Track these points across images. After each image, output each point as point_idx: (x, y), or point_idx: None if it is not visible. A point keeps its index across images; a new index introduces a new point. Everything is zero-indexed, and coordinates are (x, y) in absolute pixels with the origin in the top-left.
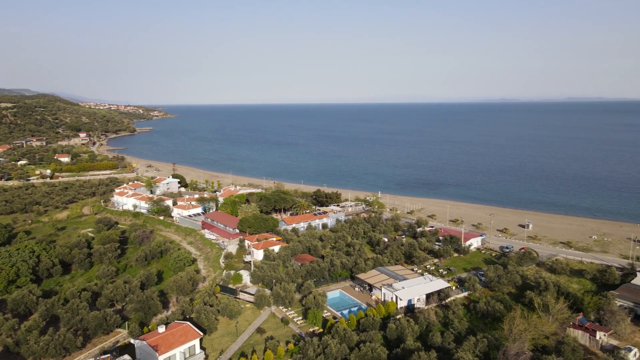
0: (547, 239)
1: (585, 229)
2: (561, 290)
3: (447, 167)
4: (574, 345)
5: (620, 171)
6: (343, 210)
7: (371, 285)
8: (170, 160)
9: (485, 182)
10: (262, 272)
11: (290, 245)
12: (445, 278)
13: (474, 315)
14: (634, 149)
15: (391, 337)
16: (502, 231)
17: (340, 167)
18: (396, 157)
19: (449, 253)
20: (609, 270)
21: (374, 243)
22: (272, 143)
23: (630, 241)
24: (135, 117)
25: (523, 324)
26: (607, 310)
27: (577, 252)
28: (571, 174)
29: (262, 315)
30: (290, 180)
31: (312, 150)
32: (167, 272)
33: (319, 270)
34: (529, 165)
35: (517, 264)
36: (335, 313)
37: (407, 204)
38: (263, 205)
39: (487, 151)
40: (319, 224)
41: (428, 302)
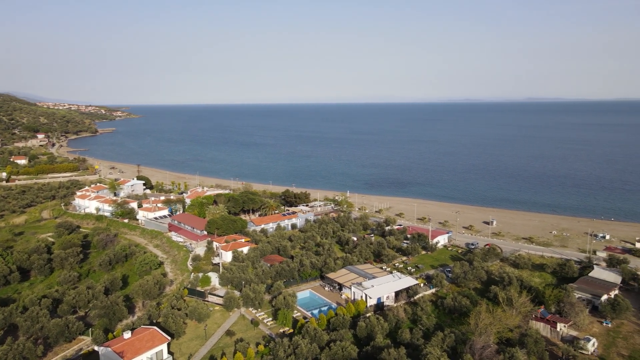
0: (510, 235)
1: (546, 224)
2: (524, 285)
3: (415, 166)
4: (536, 337)
5: (578, 168)
6: (312, 210)
7: (341, 284)
8: (135, 162)
9: (452, 181)
10: (231, 273)
11: (260, 246)
12: (414, 275)
13: (441, 311)
14: (590, 147)
15: (361, 335)
16: (467, 228)
17: (310, 167)
18: (365, 156)
19: (417, 251)
20: (568, 264)
21: (343, 242)
22: (241, 144)
23: (588, 235)
24: (97, 118)
25: (488, 318)
26: (567, 303)
27: (539, 247)
28: (532, 171)
29: (232, 318)
30: (258, 180)
31: (281, 151)
32: (132, 277)
33: (289, 270)
34: (493, 163)
35: (482, 259)
36: (306, 313)
37: (376, 203)
38: (231, 207)
39: (453, 150)
40: (288, 224)
41: (397, 300)
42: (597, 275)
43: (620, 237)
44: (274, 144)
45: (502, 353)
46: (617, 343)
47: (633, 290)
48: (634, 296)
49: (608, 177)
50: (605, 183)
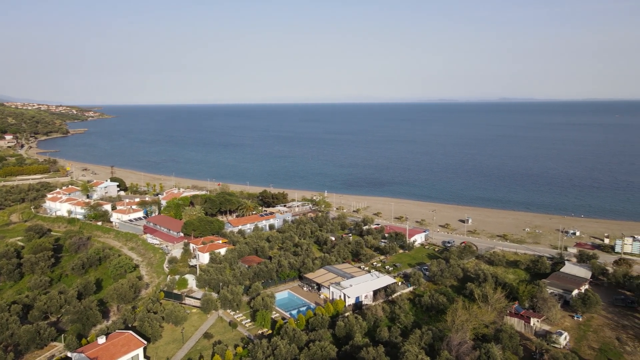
0: (485, 232)
1: (519, 222)
2: (498, 281)
3: (392, 166)
4: (511, 333)
5: (550, 167)
6: (290, 210)
7: (319, 284)
8: (108, 163)
9: (428, 180)
10: (209, 275)
11: (237, 248)
12: (392, 274)
13: (419, 309)
14: (561, 145)
15: (340, 334)
16: (444, 227)
17: (287, 168)
18: (343, 156)
19: (395, 249)
20: (541, 260)
21: (322, 242)
22: (217, 144)
23: (559, 232)
24: (68, 118)
25: (465, 314)
26: (540, 298)
27: (512, 244)
28: (507, 170)
29: (209, 320)
30: (235, 181)
31: (258, 151)
32: (106, 280)
33: (267, 271)
34: (469, 162)
35: (459, 257)
36: (284, 314)
37: (353, 203)
38: (208, 208)
39: (430, 150)
40: (265, 224)
41: (375, 299)
42: (568, 270)
43: (590, 233)
44: (251, 145)
45: (478, 349)
46: (588, 336)
47: (602, 284)
48: (603, 290)
49: (578, 176)
50: (575, 181)
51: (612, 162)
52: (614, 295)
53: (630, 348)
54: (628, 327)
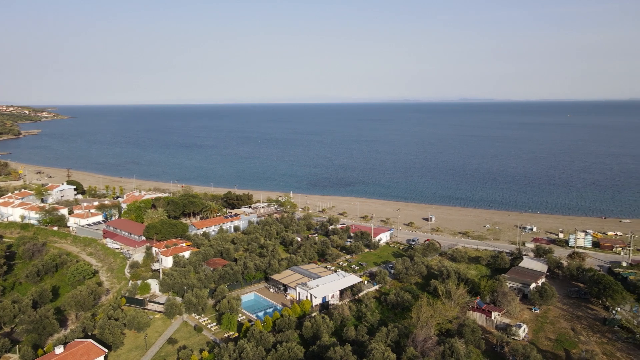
0: (448, 230)
1: (480, 219)
2: (461, 277)
3: (357, 166)
4: (473, 327)
5: (508, 165)
6: (255, 211)
7: (286, 285)
8: (65, 166)
9: (393, 179)
10: (172, 279)
11: (202, 250)
12: (358, 273)
13: (385, 306)
14: (518, 144)
15: (307, 335)
16: (408, 225)
17: (252, 169)
18: (308, 157)
19: (360, 249)
20: (501, 256)
21: (287, 243)
22: (181, 145)
23: (517, 228)
24: (20, 119)
25: (429, 311)
26: (500, 292)
27: (474, 241)
28: (468, 169)
29: (174, 325)
30: (199, 183)
31: (222, 152)
32: (64, 287)
33: (232, 273)
34: (432, 162)
35: (423, 255)
36: (251, 316)
37: (319, 203)
38: (171, 210)
39: (394, 149)
40: (230, 226)
41: (342, 298)
42: (526, 265)
43: (546, 228)
44: (216, 145)
45: (442, 344)
46: (545, 328)
47: (557, 277)
48: (558, 283)
49: (535, 173)
50: (532, 179)
51: (566, 160)
52: (568, 287)
53: (584, 337)
54: (582, 317)
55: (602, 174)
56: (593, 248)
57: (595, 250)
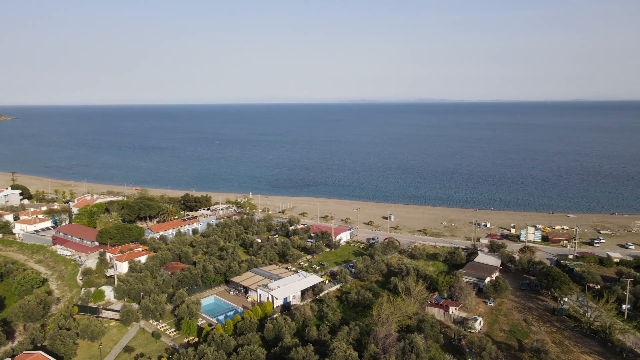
0: (407, 228)
1: (437, 216)
2: (420, 274)
3: (317, 166)
4: (432, 322)
5: (464, 163)
6: (214, 213)
7: (247, 287)
8: (9, 169)
9: (352, 179)
10: (128, 285)
11: (159, 254)
12: (319, 273)
13: (346, 305)
14: (474, 144)
15: (269, 336)
16: (368, 224)
17: (211, 170)
18: (268, 157)
19: (321, 249)
20: (457, 252)
21: (248, 245)
22: (136, 147)
23: (472, 224)
24: None
25: (389, 308)
26: (457, 287)
27: (432, 238)
28: (425, 167)
29: (130, 332)
30: (156, 185)
31: (179, 154)
32: (10, 298)
33: (191, 277)
34: (391, 161)
35: (383, 253)
36: (211, 320)
37: (279, 204)
38: (126, 214)
39: (354, 149)
40: (189, 229)
41: (303, 298)
42: (481, 260)
43: (499, 224)
44: (173, 147)
45: (402, 340)
46: (499, 320)
47: (510, 271)
48: (511, 276)
49: (488, 171)
50: (486, 176)
51: (517, 158)
52: (520, 280)
53: (535, 328)
54: (533, 308)
55: (550, 171)
56: (542, 242)
57: (544, 244)
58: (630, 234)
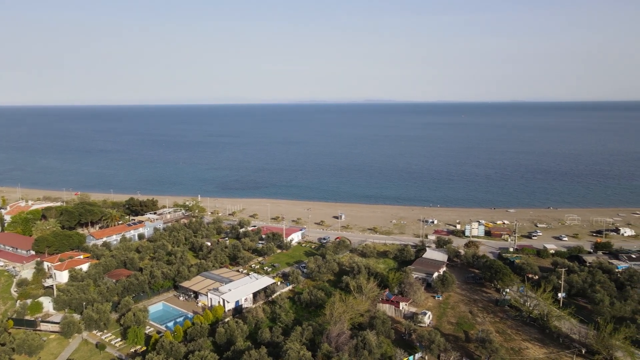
0: (358, 227)
1: (387, 214)
2: (371, 271)
3: (268, 167)
4: (384, 318)
5: (413, 163)
6: (161, 217)
7: (197, 292)
8: None
9: (303, 179)
10: (69, 295)
11: (102, 262)
12: (271, 275)
13: (299, 306)
14: (422, 143)
15: (221, 341)
16: (319, 224)
17: (158, 173)
18: (217, 159)
19: (273, 250)
20: (406, 249)
21: (197, 248)
22: (77, 150)
23: (420, 222)
24: None
25: (342, 306)
26: (407, 283)
27: (382, 236)
28: (376, 167)
29: (72, 344)
30: (98, 190)
31: (124, 157)
32: None
33: (138, 284)
34: (341, 161)
35: (334, 252)
36: (159, 327)
37: (229, 206)
38: (65, 220)
39: (305, 150)
40: (134, 234)
41: (255, 301)
42: (429, 256)
43: (445, 220)
44: (118, 150)
45: (355, 337)
46: (447, 313)
47: (456, 265)
48: (457, 271)
49: (436, 170)
50: (434, 175)
51: (462, 156)
52: (466, 274)
53: (480, 318)
54: (478, 300)
55: (493, 168)
56: (485, 236)
57: (487, 238)
58: (563, 227)
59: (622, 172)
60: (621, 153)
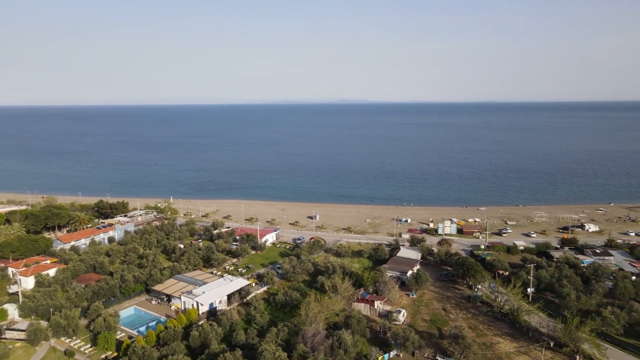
0: (332, 226)
1: (361, 214)
2: (346, 271)
3: (242, 168)
4: (359, 317)
5: (388, 162)
6: (132, 220)
7: (169, 295)
8: None
9: (278, 180)
10: (35, 301)
11: (70, 266)
12: (245, 276)
13: (274, 307)
14: (396, 142)
15: (195, 344)
16: (293, 224)
17: (128, 175)
18: (190, 160)
19: (247, 251)
20: (380, 248)
21: (170, 251)
22: (43, 152)
23: (394, 221)
24: None
25: (317, 306)
26: (381, 282)
27: (356, 236)
28: (351, 167)
29: (39, 352)
30: (66, 192)
31: (93, 158)
32: None
33: (108, 288)
34: (316, 161)
35: (309, 253)
36: (131, 332)
37: (202, 207)
38: (30, 224)
39: (279, 150)
40: (104, 238)
41: (230, 303)
42: (403, 254)
43: (419, 219)
44: (87, 151)
45: (330, 337)
46: (421, 310)
47: (430, 263)
48: (431, 268)
49: (410, 169)
50: (408, 174)
51: (435, 155)
52: (439, 271)
53: (453, 315)
54: (451, 297)
55: (465, 167)
56: (458, 234)
57: (459, 236)
58: (532, 224)
59: (587, 170)
60: (587, 152)
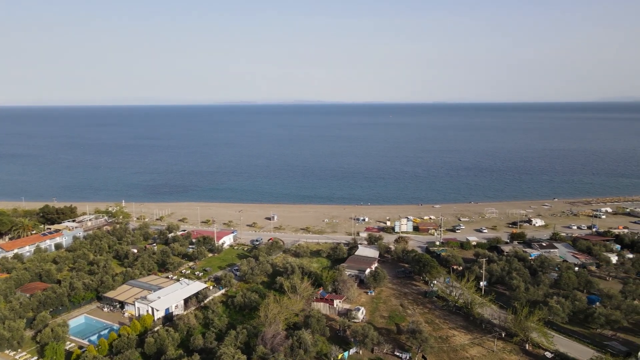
0: (290, 227)
1: (319, 214)
2: (305, 271)
3: (198, 170)
4: (318, 317)
5: (346, 162)
6: (81, 225)
7: (122, 302)
8: None
9: (234, 181)
10: None
11: (13, 275)
12: (202, 279)
13: (232, 309)
14: (353, 143)
15: (150, 351)
16: (251, 226)
17: (76, 178)
18: (143, 162)
19: (204, 254)
20: (339, 247)
21: (122, 256)
22: None
23: (352, 220)
24: None
25: (276, 307)
26: (340, 281)
27: (315, 235)
28: (308, 167)
29: None
30: (7, 198)
31: (37, 161)
32: None
33: (56, 297)
34: (274, 162)
35: (267, 254)
36: (82, 342)
37: (156, 211)
38: None
39: (236, 151)
40: (50, 244)
41: (187, 307)
42: (361, 253)
43: (376, 218)
44: (32, 154)
45: (290, 337)
46: (379, 307)
47: (387, 261)
48: (388, 266)
49: (367, 168)
50: (365, 174)
51: (391, 155)
52: (396, 268)
53: (411, 311)
54: (408, 293)
55: (420, 166)
56: (414, 232)
57: (415, 233)
58: (484, 220)
59: (533, 167)
60: (535, 150)
